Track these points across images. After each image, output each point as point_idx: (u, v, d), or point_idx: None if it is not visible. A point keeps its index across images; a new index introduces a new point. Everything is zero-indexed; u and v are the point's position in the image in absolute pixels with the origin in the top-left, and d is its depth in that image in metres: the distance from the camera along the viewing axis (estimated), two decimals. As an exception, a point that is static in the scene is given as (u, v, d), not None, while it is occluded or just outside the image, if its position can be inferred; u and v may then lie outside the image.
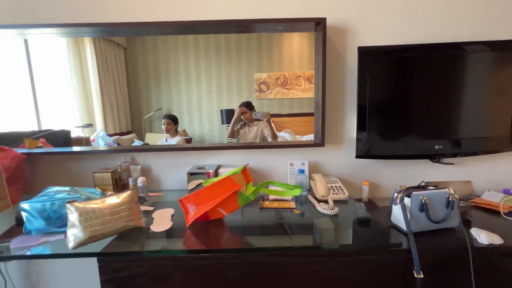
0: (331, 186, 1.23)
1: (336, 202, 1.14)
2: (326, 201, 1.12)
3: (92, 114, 1.38)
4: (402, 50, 1.19)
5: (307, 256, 0.85)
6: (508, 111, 1.23)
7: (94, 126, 1.39)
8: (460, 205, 1.20)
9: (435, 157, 1.28)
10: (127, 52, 1.35)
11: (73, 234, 0.78)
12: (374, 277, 0.87)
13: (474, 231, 0.95)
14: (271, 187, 1.23)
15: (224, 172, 1.19)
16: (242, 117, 1.36)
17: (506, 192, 1.29)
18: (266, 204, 1.14)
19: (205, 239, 0.87)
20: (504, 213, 1.10)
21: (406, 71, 1.20)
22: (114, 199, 0.85)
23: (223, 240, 0.88)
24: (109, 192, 1.13)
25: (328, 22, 1.23)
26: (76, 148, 1.36)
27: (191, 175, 1.28)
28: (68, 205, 0.79)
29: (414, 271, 0.83)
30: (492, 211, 1.14)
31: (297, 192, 1.02)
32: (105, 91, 1.37)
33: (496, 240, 0.89)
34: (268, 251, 0.84)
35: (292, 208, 1.09)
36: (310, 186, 1.29)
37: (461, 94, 1.21)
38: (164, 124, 1.37)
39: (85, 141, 1.41)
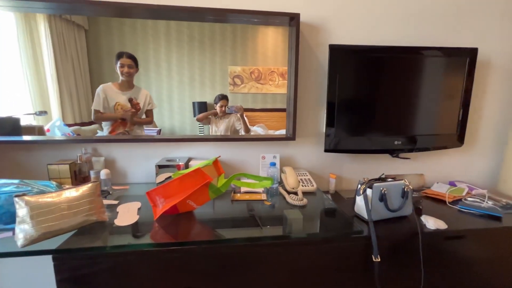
0: (300, 179, 1.28)
1: (305, 194, 1.19)
2: (295, 193, 1.16)
3: (47, 101, 1.24)
4: (370, 50, 1.26)
5: (277, 246, 0.88)
6: (455, 112, 1.38)
7: (50, 114, 1.26)
8: (414, 195, 1.33)
9: (394, 152, 1.39)
10: (89, 35, 1.23)
11: (23, 231, 0.71)
12: (338, 263, 0.93)
13: (423, 218, 1.06)
14: (243, 179, 1.24)
15: (195, 165, 1.16)
16: (218, 109, 1.33)
17: (452, 183, 1.46)
18: (238, 196, 1.14)
19: (175, 232, 0.85)
20: (449, 202, 1.24)
21: (373, 70, 1.28)
22: (72, 192, 0.79)
23: (193, 232, 0.87)
24: (67, 186, 1.04)
25: (302, 18, 1.26)
26: (27, 137, 1.22)
27: (160, 167, 1.24)
28: (16, 199, 0.71)
29: (372, 256, 0.90)
30: (440, 201, 1.28)
31: (268, 183, 1.04)
32: (63, 77, 1.24)
33: (442, 225, 1.01)
34: (239, 242, 0.84)
35: (263, 200, 1.11)
36: (281, 178, 1.32)
37: (418, 95, 1.32)
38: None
39: (38, 130, 1.27)
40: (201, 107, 1.34)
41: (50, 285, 1.33)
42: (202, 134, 1.37)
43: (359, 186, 1.05)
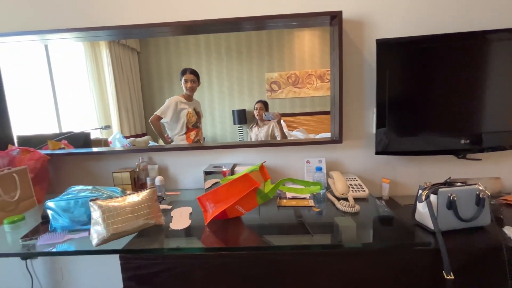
0: (350, 184, 1.20)
1: (355, 200, 1.11)
2: (346, 199, 1.09)
3: (109, 117, 1.42)
4: (422, 41, 1.14)
5: (328, 255, 0.83)
6: (539, 103, 1.15)
7: (111, 128, 1.43)
8: (491, 202, 1.14)
9: (460, 152, 1.22)
10: (141, 56, 1.38)
11: (96, 232, 0.80)
12: (399, 277, 0.83)
13: (506, 230, 0.89)
14: (289, 185, 1.21)
15: (240, 171, 1.18)
16: (256, 113, 1.35)
17: (540, 189, 1.21)
18: (284, 202, 1.12)
19: (224, 237, 0.87)
20: (539, 211, 1.03)
21: (427, 63, 1.15)
22: (134, 197, 0.87)
23: (241, 238, 0.87)
24: (129, 191, 1.15)
25: (344, 15, 1.20)
26: (96, 149, 1.39)
27: (207, 174, 1.29)
28: (91, 203, 0.81)
29: (444, 272, 0.79)
30: (526, 209, 1.07)
31: (317, 189, 1.00)
32: (121, 95, 1.40)
33: (533, 239, 0.84)
34: (287, 249, 0.82)
35: (311, 206, 1.07)
36: (328, 184, 1.26)
37: (485, 86, 1.14)
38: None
39: (104, 143, 1.45)
40: (240, 114, 1.38)
41: (117, 282, 1.47)
42: (242, 141, 1.40)
43: (421, 191, 0.94)
